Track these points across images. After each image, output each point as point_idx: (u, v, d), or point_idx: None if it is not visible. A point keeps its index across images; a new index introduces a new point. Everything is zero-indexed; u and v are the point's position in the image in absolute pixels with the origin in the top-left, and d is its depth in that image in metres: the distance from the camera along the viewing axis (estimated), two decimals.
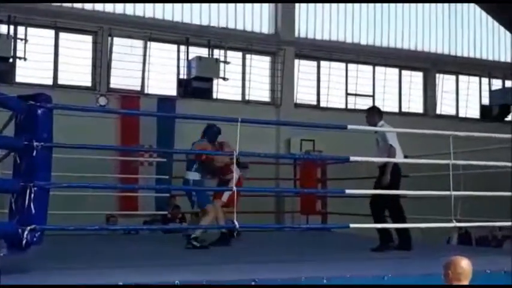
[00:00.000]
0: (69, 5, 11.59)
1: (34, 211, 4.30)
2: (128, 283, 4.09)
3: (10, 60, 10.91)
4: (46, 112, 4.49)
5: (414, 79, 14.88)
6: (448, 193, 5.99)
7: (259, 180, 9.39)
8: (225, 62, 12.48)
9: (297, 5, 13.42)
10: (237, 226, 5.10)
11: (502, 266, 5.12)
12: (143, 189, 11.21)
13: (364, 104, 14.12)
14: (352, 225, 5.87)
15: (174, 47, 12.45)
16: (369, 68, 14.34)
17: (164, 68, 12.34)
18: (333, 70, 13.89)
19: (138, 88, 12.08)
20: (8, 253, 4.30)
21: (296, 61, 13.37)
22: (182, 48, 12.43)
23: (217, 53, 12.50)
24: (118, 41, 11.86)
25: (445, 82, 15.13)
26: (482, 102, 15.48)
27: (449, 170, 5.98)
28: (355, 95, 14.08)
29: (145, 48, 12.10)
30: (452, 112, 15.23)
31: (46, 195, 4.46)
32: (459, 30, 15.28)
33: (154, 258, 6.19)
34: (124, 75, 11.90)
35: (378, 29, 14.38)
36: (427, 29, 14.92)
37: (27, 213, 4.31)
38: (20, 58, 10.97)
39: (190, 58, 12.27)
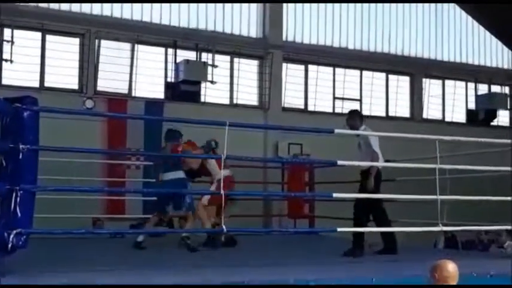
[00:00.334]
0: (56, 7, 11.52)
1: (20, 214, 4.27)
2: (120, 283, 4.07)
3: None
4: (32, 115, 4.46)
5: (401, 83, 14.98)
6: (435, 197, 6.02)
7: (247, 183, 9.38)
8: (213, 66, 12.47)
9: (285, 9, 13.46)
10: (225, 230, 5.09)
11: (488, 270, 5.16)
12: (130, 192, 11.16)
13: (351, 108, 14.20)
14: (339, 229, 5.88)
15: (162, 50, 12.42)
16: (356, 72, 14.40)
17: (152, 71, 12.30)
18: (321, 74, 13.94)
19: (126, 91, 12.03)
20: None
21: (284, 65, 13.40)
22: (170, 51, 12.41)
23: (205, 57, 12.49)
24: (105, 44, 11.81)
25: (432, 87, 15.24)
26: (468, 106, 15.62)
27: (435, 174, 6.02)
28: (342, 99, 14.13)
29: (132, 51, 12.06)
30: (438, 116, 15.33)
31: (32, 198, 4.43)
32: (446, 35, 15.41)
33: (141, 261, 6.16)
34: (111, 78, 11.86)
35: (365, 34, 14.46)
36: (414, 34, 15.03)
37: (13, 216, 4.27)
38: (6, 60, 10.90)
39: (178, 61, 12.25)
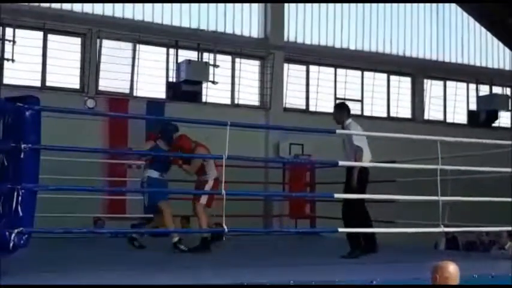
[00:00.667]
0: (58, 7, 11.53)
1: (21, 214, 4.27)
2: (119, 284, 4.07)
3: None
4: (34, 114, 4.46)
5: (402, 84, 14.96)
6: (436, 198, 6.02)
7: (248, 183, 9.38)
8: (215, 66, 12.47)
9: (287, 10, 13.47)
10: (226, 230, 5.08)
11: (490, 271, 5.15)
12: (131, 192, 11.16)
13: (353, 109, 14.17)
14: (340, 229, 5.88)
15: (164, 50, 12.43)
16: (358, 73, 14.39)
17: (153, 71, 12.30)
18: (322, 75, 13.93)
19: (127, 91, 12.03)
20: None
21: (285, 65, 13.39)
22: (171, 51, 12.41)
23: (206, 57, 12.49)
24: (107, 44, 11.81)
25: (433, 88, 15.23)
26: (469, 107, 15.61)
27: (436, 175, 6.01)
28: (343, 100, 14.11)
29: (134, 50, 12.06)
30: (440, 117, 15.33)
31: (33, 198, 4.43)
32: (447, 36, 15.40)
33: (141, 261, 6.16)
34: (113, 77, 11.86)
35: (367, 35, 14.46)
36: (415, 35, 15.02)
37: (14, 216, 4.27)
38: (8, 60, 10.89)
39: (179, 61, 12.25)
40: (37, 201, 4.49)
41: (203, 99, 12.50)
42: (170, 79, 12.37)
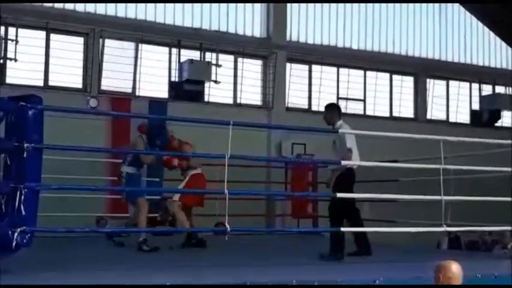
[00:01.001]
0: (60, 7, 11.54)
1: (24, 213, 4.28)
2: (121, 283, 4.07)
3: (0, 61, 10.85)
4: (37, 113, 4.47)
5: (405, 84, 14.95)
6: (439, 198, 6.01)
7: (250, 183, 9.38)
8: (217, 65, 12.47)
9: (289, 9, 13.46)
10: (229, 229, 5.08)
11: (493, 271, 5.14)
12: (133, 191, 11.15)
13: (355, 108, 14.23)
14: (343, 229, 5.87)
15: (166, 50, 12.43)
16: (360, 73, 14.39)
17: (156, 71, 12.31)
18: (325, 74, 13.93)
19: (130, 90, 12.04)
20: None
21: (288, 65, 13.39)
22: (174, 50, 12.41)
23: (209, 56, 12.49)
24: (109, 43, 11.82)
25: (436, 87, 15.22)
26: (472, 107, 15.59)
27: (439, 175, 6.00)
28: (346, 99, 14.12)
29: (136, 50, 12.07)
30: (442, 117, 15.31)
31: (36, 197, 4.44)
32: (449, 35, 15.39)
33: (143, 260, 6.16)
34: (115, 77, 11.87)
35: (369, 34, 14.45)
36: (418, 35, 15.01)
37: (17, 215, 4.28)
38: (11, 59, 10.90)
39: (182, 61, 12.25)
40: (39, 200, 4.49)
41: (205, 98, 12.50)
42: (172, 79, 12.37)
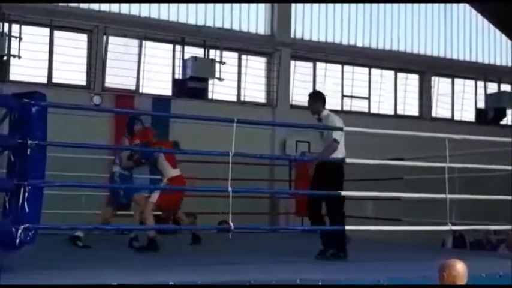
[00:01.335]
0: (64, 4, 11.53)
1: (28, 210, 4.27)
2: (122, 283, 4.06)
3: (4, 58, 10.85)
4: (40, 110, 4.46)
5: (410, 82, 14.90)
6: (444, 196, 5.98)
7: (253, 180, 9.36)
8: (221, 63, 12.44)
9: (293, 7, 13.41)
10: (232, 227, 5.05)
11: (498, 270, 5.12)
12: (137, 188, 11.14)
13: (359, 106, 14.19)
14: (347, 227, 5.85)
15: (170, 47, 12.41)
16: (365, 70, 14.33)
17: (159, 68, 12.29)
18: (329, 72, 13.88)
19: (133, 87, 12.03)
20: (1, 252, 4.25)
21: (292, 62, 13.35)
22: (178, 48, 12.39)
23: (213, 53, 12.46)
24: (113, 40, 11.80)
25: (441, 85, 15.15)
26: (477, 105, 15.52)
27: (444, 173, 5.98)
28: (350, 97, 14.09)
29: (140, 47, 12.06)
30: (447, 115, 15.25)
31: (40, 194, 4.43)
32: (455, 33, 15.32)
33: (147, 258, 6.15)
34: (119, 74, 11.85)
35: (374, 31, 14.39)
36: (423, 32, 14.94)
37: (21, 212, 4.27)
38: (14, 56, 10.89)
39: (185, 58, 12.23)
40: (43, 197, 4.48)
41: (209, 96, 12.48)
42: (176, 76, 12.35)
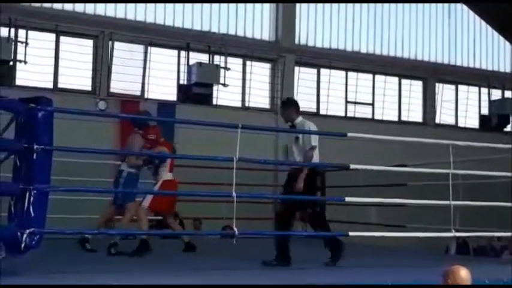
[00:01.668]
0: (70, 9, 11.60)
1: (33, 214, 4.29)
2: (123, 284, 4.08)
3: (10, 63, 10.91)
4: (47, 115, 4.48)
5: (414, 88, 14.91)
6: (447, 203, 5.99)
7: (258, 186, 9.38)
8: (225, 68, 12.49)
9: (298, 13, 13.46)
10: (236, 232, 5.07)
11: (501, 276, 5.11)
12: (141, 193, 11.16)
13: (363, 113, 14.21)
14: (351, 233, 5.86)
15: (175, 53, 12.46)
16: (369, 77, 14.36)
17: (164, 73, 12.34)
18: (333, 78, 13.91)
19: (138, 93, 12.08)
20: (7, 256, 4.28)
21: (296, 68, 13.39)
22: (182, 53, 12.44)
23: (217, 59, 12.51)
24: (119, 46, 11.86)
25: (445, 91, 15.16)
26: (481, 112, 15.51)
27: (448, 180, 5.98)
28: (354, 103, 14.11)
29: (145, 53, 12.11)
30: (451, 121, 15.25)
31: (45, 198, 4.45)
32: (459, 39, 15.34)
33: (150, 262, 6.17)
34: (124, 79, 11.91)
35: (378, 38, 14.43)
36: (427, 39, 14.96)
37: (26, 216, 4.29)
38: (21, 61, 10.96)
39: (190, 64, 12.28)
40: (49, 202, 4.50)
41: (214, 101, 12.52)
42: (181, 81, 12.40)
